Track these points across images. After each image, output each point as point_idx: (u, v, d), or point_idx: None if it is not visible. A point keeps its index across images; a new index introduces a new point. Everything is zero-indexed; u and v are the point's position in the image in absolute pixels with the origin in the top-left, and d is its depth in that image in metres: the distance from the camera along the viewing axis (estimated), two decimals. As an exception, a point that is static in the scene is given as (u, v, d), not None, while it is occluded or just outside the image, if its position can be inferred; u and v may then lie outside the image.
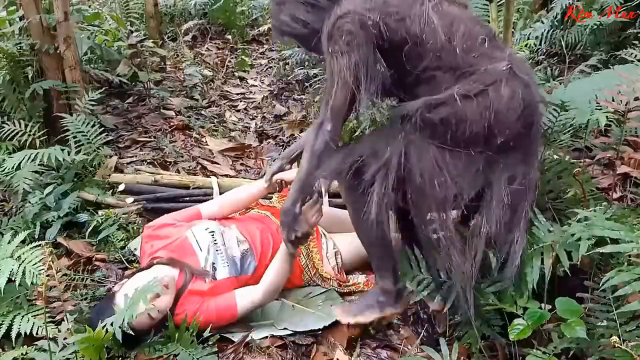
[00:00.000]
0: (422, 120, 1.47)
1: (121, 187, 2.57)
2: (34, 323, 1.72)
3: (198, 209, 2.16)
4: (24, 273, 1.62)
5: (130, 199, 2.51)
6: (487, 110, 1.43)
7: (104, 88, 3.49)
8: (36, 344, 1.66)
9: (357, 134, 2.63)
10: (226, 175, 2.93)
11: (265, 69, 5.21)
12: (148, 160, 3.04)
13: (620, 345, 1.22)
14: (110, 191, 2.60)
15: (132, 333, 1.58)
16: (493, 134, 1.45)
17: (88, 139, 2.70)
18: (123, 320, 1.52)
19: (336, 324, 1.87)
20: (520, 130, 1.48)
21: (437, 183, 1.47)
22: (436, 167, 1.47)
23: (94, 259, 2.24)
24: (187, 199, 2.55)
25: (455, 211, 1.53)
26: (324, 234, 2.17)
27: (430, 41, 1.46)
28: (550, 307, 1.43)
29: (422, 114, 1.47)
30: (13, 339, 1.69)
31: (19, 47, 2.89)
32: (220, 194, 2.54)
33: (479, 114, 1.43)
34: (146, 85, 3.84)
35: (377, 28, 1.46)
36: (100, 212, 2.42)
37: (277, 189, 2.20)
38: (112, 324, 1.54)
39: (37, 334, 1.70)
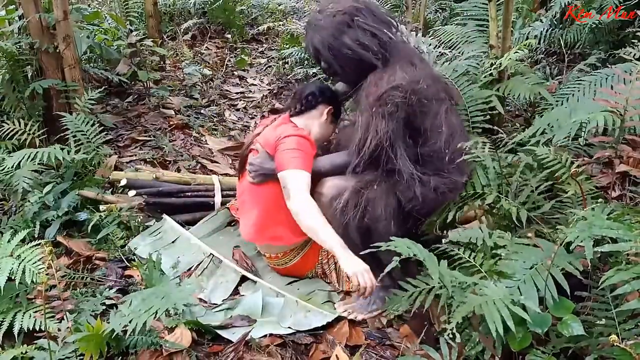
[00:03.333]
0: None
1: (123, 182, 2.57)
2: (35, 319, 1.72)
3: None
4: (23, 272, 1.62)
5: (132, 192, 2.51)
6: (444, 200, 1.87)
7: (103, 87, 3.48)
8: (35, 343, 1.67)
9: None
10: (226, 174, 2.93)
11: (264, 68, 5.21)
12: (148, 159, 3.04)
13: (619, 343, 1.22)
14: (110, 190, 2.60)
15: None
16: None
17: (87, 138, 2.70)
18: (130, 322, 1.53)
19: (337, 322, 1.88)
20: None
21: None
22: (386, 212, 1.83)
23: (93, 257, 2.24)
24: (189, 194, 2.56)
25: None
26: None
27: (432, 141, 1.83)
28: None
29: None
30: (15, 335, 1.70)
31: (18, 46, 2.88)
32: (222, 191, 2.55)
33: (440, 202, 1.87)
34: (146, 84, 3.83)
35: (411, 110, 1.78)
36: (102, 207, 2.42)
37: None
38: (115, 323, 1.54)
39: (39, 329, 1.71)
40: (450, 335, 1.38)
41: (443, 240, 1.94)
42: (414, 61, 1.88)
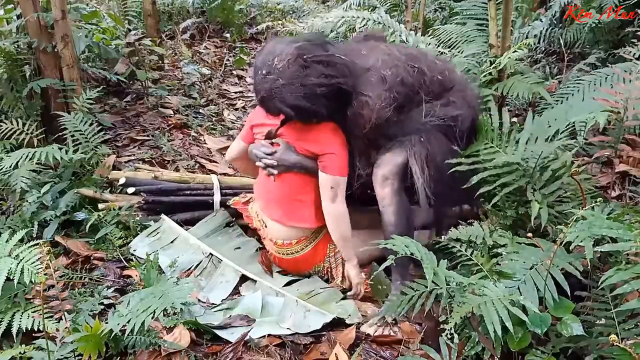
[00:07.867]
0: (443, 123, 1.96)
1: (122, 181, 2.57)
2: (34, 319, 1.72)
3: None
4: (22, 272, 1.61)
5: (131, 189, 2.50)
6: (476, 106, 2.06)
7: (101, 86, 3.47)
8: (34, 343, 1.66)
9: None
10: (224, 174, 2.93)
11: (263, 67, 5.19)
12: (146, 159, 3.03)
13: (619, 343, 1.22)
14: (109, 189, 2.59)
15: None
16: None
17: (86, 137, 2.69)
18: (129, 322, 1.53)
19: (345, 327, 1.88)
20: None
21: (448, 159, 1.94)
22: (447, 148, 1.96)
23: (92, 257, 2.24)
24: (188, 192, 2.56)
25: None
26: None
27: (417, 81, 1.95)
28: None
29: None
30: (14, 335, 1.70)
31: (16, 46, 2.88)
32: (221, 190, 2.54)
33: (470, 116, 2.01)
34: (144, 84, 3.82)
35: (398, 95, 1.89)
36: (100, 206, 2.41)
37: None
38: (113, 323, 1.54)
39: (37, 329, 1.70)
40: (449, 336, 1.38)
41: (444, 238, 1.93)
42: (365, 64, 1.93)
